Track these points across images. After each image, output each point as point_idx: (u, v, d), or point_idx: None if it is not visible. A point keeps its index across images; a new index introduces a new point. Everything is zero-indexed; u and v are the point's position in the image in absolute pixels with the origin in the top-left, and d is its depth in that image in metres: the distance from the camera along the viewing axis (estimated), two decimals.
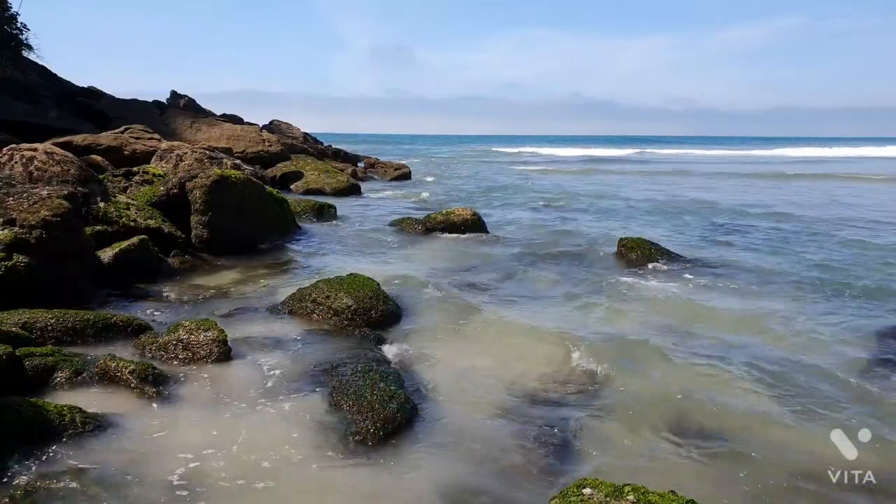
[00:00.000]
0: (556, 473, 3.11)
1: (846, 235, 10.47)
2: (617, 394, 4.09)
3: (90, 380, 3.75)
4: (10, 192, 5.55)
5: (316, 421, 3.53)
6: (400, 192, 17.76)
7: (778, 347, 5.01)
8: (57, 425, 3.04)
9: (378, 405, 3.46)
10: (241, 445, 3.27)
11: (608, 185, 22.10)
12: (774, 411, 3.87)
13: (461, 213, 9.89)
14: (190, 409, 3.62)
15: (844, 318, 5.84)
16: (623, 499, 2.25)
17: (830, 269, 7.81)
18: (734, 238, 10.24)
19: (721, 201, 15.75)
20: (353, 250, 8.78)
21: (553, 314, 5.85)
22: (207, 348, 4.12)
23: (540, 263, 8.16)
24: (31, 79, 20.81)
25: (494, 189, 19.39)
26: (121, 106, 20.49)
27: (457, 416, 3.72)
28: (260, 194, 8.23)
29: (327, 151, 27.00)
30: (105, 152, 13.20)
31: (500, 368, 4.47)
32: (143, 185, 9.13)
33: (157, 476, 2.91)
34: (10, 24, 20.32)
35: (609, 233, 10.45)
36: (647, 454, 3.36)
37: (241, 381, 4.04)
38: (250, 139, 19.54)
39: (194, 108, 23.91)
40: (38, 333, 4.21)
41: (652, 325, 5.53)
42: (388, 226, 10.20)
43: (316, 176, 16.45)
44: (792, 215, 13.09)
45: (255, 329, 5.19)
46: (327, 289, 5.39)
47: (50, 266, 5.16)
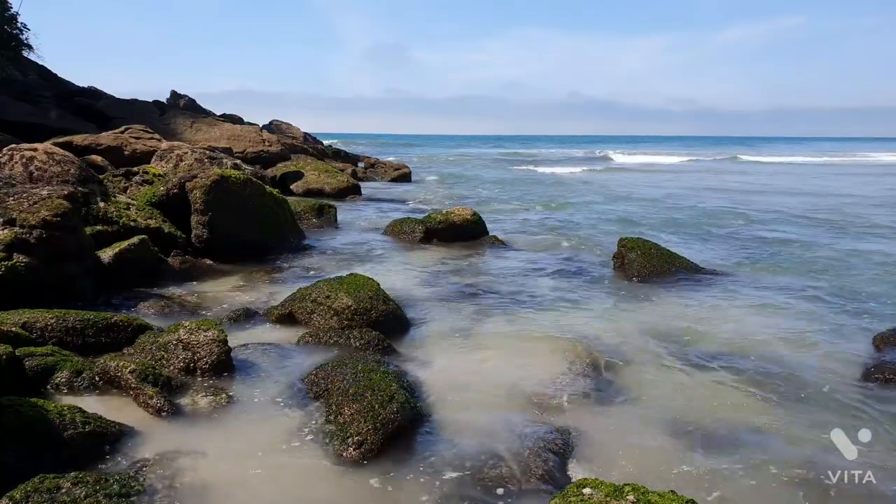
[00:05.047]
0: (556, 479, 3.11)
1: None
2: (618, 398, 4.09)
3: (90, 380, 3.75)
4: (11, 192, 5.56)
5: (316, 421, 3.53)
6: (400, 192, 17.76)
7: (778, 348, 5.01)
8: (57, 425, 3.03)
9: (378, 406, 3.45)
10: (241, 447, 3.27)
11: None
12: (774, 411, 3.87)
13: (461, 213, 9.88)
14: (190, 409, 3.62)
15: (845, 317, 5.84)
16: (623, 499, 2.25)
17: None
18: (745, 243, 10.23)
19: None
20: (353, 251, 8.78)
21: (554, 316, 5.84)
22: (208, 348, 4.12)
23: (542, 265, 8.16)
24: (31, 79, 20.81)
25: (495, 189, 19.39)
26: (121, 106, 20.47)
27: (457, 419, 3.71)
28: (260, 194, 8.23)
29: (327, 151, 26.99)
30: (105, 152, 13.18)
31: (500, 371, 4.47)
32: (143, 185, 9.13)
33: (155, 477, 2.91)
34: (10, 24, 20.33)
35: (608, 234, 10.45)
36: (647, 456, 3.35)
37: (241, 381, 4.04)
38: (250, 139, 19.53)
39: (194, 108, 23.92)
40: (38, 333, 4.20)
41: (653, 327, 5.52)
42: (389, 226, 10.19)
43: (316, 176, 16.44)
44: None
45: (254, 329, 5.20)
46: (327, 289, 5.39)
47: (50, 266, 5.16)
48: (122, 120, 17.16)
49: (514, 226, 11.67)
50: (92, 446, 3.07)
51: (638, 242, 7.71)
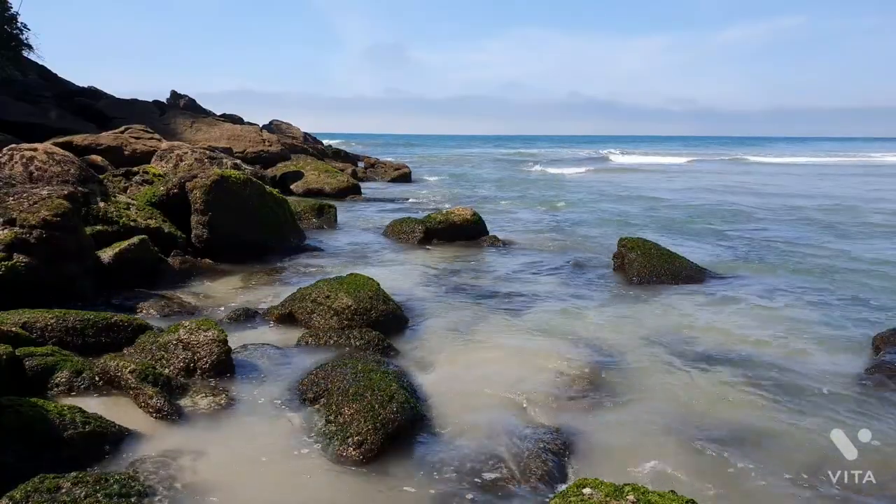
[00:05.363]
0: (555, 479, 3.11)
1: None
2: (618, 398, 4.09)
3: (90, 380, 3.75)
4: (11, 192, 5.56)
5: (316, 421, 3.53)
6: (400, 192, 17.77)
7: (778, 348, 5.01)
8: (57, 425, 3.03)
9: (378, 406, 3.45)
10: (241, 447, 3.27)
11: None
12: (775, 412, 3.87)
13: (461, 213, 9.87)
14: (190, 409, 3.62)
15: (845, 317, 5.84)
16: (623, 499, 2.25)
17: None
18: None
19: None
20: (353, 251, 8.78)
21: (554, 316, 5.84)
22: (208, 348, 4.12)
23: (542, 265, 8.16)
24: (31, 79, 20.81)
25: (495, 189, 19.39)
26: (121, 106, 20.47)
27: (457, 419, 3.71)
28: (260, 194, 8.23)
29: (327, 151, 27.00)
30: (105, 152, 13.19)
31: (500, 371, 4.47)
32: (143, 185, 9.13)
33: (155, 477, 2.91)
34: (10, 24, 20.35)
35: (608, 234, 10.45)
36: (647, 456, 3.35)
37: (240, 381, 4.04)
38: (250, 139, 19.53)
39: (194, 108, 23.92)
40: (38, 333, 4.20)
41: (654, 328, 5.52)
42: (389, 226, 10.19)
43: (316, 176, 16.45)
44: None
45: (254, 329, 5.20)
46: (327, 288, 5.39)
47: (50, 266, 5.16)
48: (122, 120, 17.16)
49: (514, 226, 11.67)
50: (92, 446, 3.07)
51: (638, 242, 7.69)
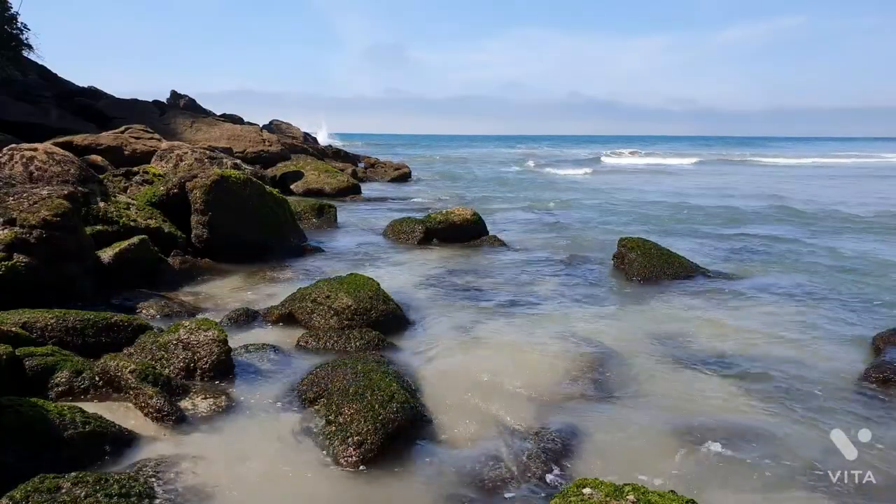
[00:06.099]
0: (555, 479, 3.11)
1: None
2: (618, 398, 4.09)
3: (90, 379, 3.75)
4: (11, 192, 5.55)
5: (316, 421, 3.53)
6: (400, 192, 17.77)
7: (778, 348, 5.01)
8: (57, 425, 3.03)
9: (378, 406, 3.45)
10: (241, 446, 3.27)
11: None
12: (774, 411, 3.87)
13: (461, 213, 9.87)
14: (190, 409, 3.62)
15: (845, 317, 5.84)
16: (623, 498, 2.25)
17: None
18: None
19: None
20: (353, 251, 8.78)
21: (554, 316, 5.84)
22: (208, 348, 4.12)
23: (542, 265, 8.16)
24: (31, 79, 20.81)
25: (495, 189, 19.39)
26: (121, 106, 20.46)
27: (457, 419, 3.71)
28: (260, 194, 8.23)
29: (327, 151, 26.98)
30: (105, 152, 13.18)
31: (500, 371, 4.46)
32: (143, 184, 9.13)
33: (155, 477, 2.91)
34: (10, 24, 20.34)
35: (608, 234, 10.45)
36: (647, 455, 3.35)
37: (241, 381, 4.04)
38: (250, 139, 19.53)
39: (194, 108, 23.91)
40: (38, 333, 4.20)
41: (654, 327, 5.52)
42: (389, 226, 10.19)
43: (316, 176, 16.44)
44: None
45: (254, 329, 5.20)
46: (327, 288, 5.39)
47: (50, 266, 5.16)
48: (122, 120, 17.16)
49: (514, 225, 11.67)
50: (92, 446, 3.07)
51: (638, 242, 7.69)
